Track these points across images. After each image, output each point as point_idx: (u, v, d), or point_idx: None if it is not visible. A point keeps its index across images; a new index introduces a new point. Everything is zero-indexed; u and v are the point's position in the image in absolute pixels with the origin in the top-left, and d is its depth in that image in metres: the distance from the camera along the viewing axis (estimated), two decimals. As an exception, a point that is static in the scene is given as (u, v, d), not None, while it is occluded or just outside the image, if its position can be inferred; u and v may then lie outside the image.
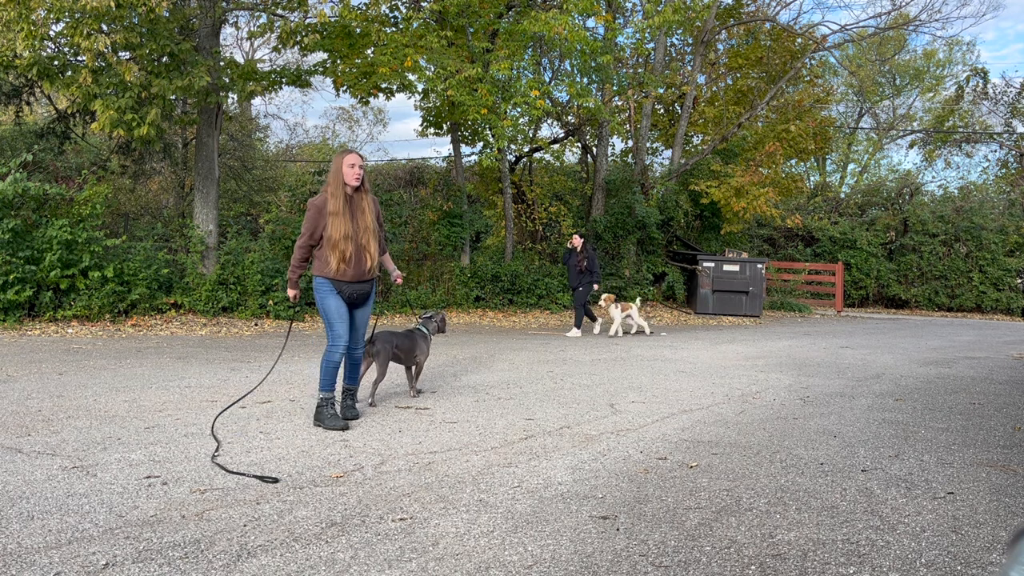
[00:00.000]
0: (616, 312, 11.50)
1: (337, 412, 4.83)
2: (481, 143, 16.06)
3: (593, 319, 11.88)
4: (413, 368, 5.90)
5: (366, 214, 4.81)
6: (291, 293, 5.04)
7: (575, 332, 11.47)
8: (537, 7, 14.66)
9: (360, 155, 4.86)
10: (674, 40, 20.11)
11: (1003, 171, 25.17)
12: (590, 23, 16.51)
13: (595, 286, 11.63)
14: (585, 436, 4.69)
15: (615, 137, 20.14)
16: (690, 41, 19.73)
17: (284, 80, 12.77)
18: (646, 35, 17.25)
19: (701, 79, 19.41)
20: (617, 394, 6.24)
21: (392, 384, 6.25)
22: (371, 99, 14.73)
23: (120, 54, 10.77)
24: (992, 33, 51.34)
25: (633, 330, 11.84)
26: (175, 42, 10.68)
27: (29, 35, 9.63)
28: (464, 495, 3.47)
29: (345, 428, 4.70)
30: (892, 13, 21.84)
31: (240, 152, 20.04)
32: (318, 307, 4.86)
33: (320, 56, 13.97)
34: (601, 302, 11.51)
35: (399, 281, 5.30)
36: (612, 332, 11.50)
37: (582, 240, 11.64)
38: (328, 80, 14.55)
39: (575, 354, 9.01)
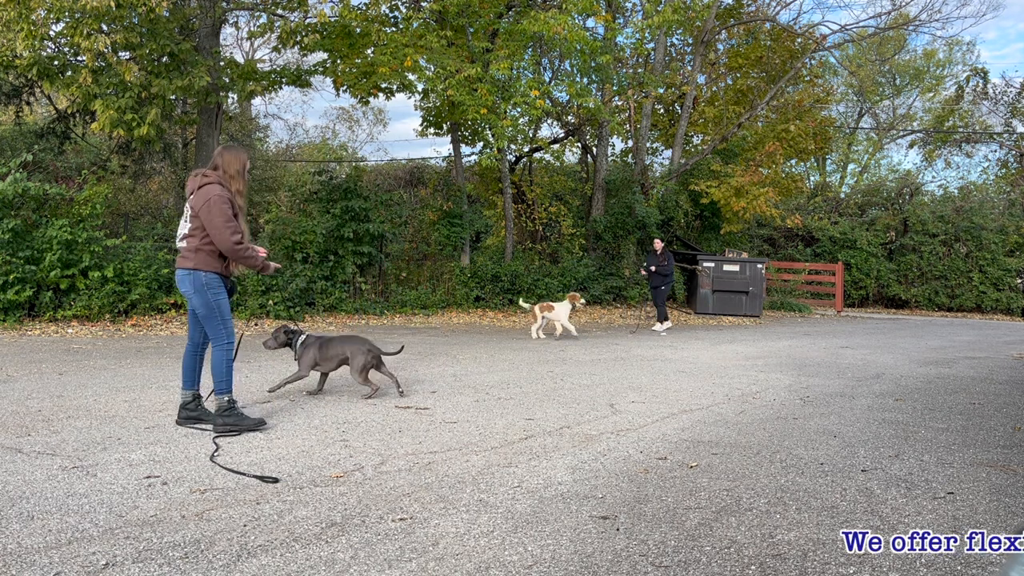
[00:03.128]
0: (558, 313, 10.71)
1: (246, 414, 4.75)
2: (481, 143, 16.06)
3: (666, 318, 12.63)
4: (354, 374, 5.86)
5: None
6: (273, 265, 4.92)
7: (664, 325, 12.42)
8: (537, 7, 14.65)
9: None
10: (674, 40, 20.12)
11: (1003, 171, 25.18)
12: (590, 23, 16.53)
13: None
14: (585, 436, 4.69)
15: (615, 137, 20.14)
16: (690, 41, 19.73)
17: (284, 80, 12.79)
18: (646, 35, 17.26)
19: (701, 79, 19.41)
20: (617, 394, 6.24)
21: (392, 385, 6.24)
22: (371, 99, 14.75)
23: (120, 54, 10.78)
24: (993, 32, 51.40)
25: (540, 330, 10.81)
26: (175, 42, 10.69)
27: (29, 35, 9.64)
28: (464, 495, 3.47)
29: (263, 423, 4.68)
30: (892, 13, 21.87)
31: (240, 152, 20.01)
32: (210, 305, 4.61)
33: (320, 56, 13.98)
34: (537, 309, 10.73)
35: (270, 270, 5.04)
36: (548, 334, 10.85)
37: (663, 244, 12.77)
38: (328, 80, 14.57)
39: (575, 354, 9.01)
